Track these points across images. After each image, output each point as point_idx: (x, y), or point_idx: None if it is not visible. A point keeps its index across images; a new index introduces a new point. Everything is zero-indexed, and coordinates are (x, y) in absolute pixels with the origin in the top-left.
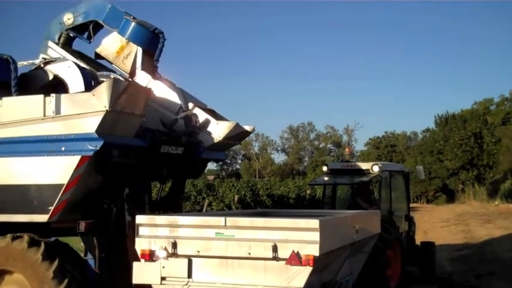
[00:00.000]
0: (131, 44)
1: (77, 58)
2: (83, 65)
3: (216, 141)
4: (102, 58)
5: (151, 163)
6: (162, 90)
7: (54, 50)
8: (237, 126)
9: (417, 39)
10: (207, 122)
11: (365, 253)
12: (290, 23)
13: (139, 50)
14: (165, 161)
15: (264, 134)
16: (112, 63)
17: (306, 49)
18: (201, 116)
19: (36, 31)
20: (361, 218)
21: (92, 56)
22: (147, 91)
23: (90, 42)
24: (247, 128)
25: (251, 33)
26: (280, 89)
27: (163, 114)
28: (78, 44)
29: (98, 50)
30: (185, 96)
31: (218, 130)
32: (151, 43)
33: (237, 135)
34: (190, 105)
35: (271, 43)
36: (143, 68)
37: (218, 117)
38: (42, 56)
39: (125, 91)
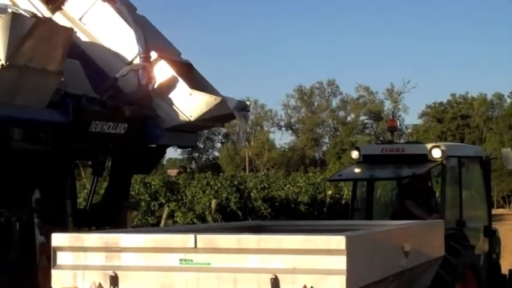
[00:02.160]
0: None
1: None
2: None
3: (182, 120)
4: None
5: (76, 150)
6: (106, 24)
7: None
8: (222, 104)
9: None
10: (171, 86)
11: None
12: None
13: None
14: (98, 146)
15: (259, 101)
16: None
17: None
18: (166, 74)
19: None
20: (414, 233)
21: None
22: (68, 32)
23: None
24: (238, 104)
25: None
26: (285, 33)
27: (99, 70)
28: None
29: None
30: (150, 35)
31: (190, 105)
32: None
33: (220, 116)
34: (154, 54)
35: None
36: None
37: (195, 81)
38: None
39: (30, 34)
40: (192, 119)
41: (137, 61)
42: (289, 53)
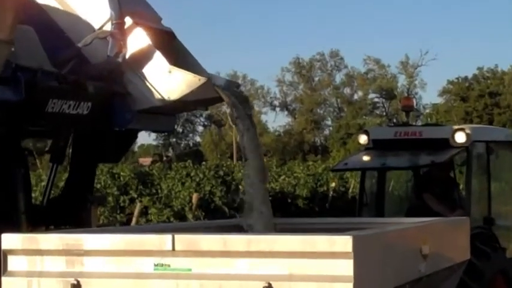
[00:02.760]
0: None
1: None
2: None
3: (158, 102)
4: None
5: (29, 133)
6: None
7: None
8: (207, 85)
9: None
10: (147, 60)
11: None
12: None
13: None
14: (57, 129)
15: (248, 76)
16: None
17: None
18: (141, 44)
19: None
20: (434, 233)
21: None
22: None
23: None
24: (228, 84)
25: None
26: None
27: (65, 38)
28: None
29: None
30: None
31: (169, 84)
32: None
33: (205, 99)
34: (128, 20)
35: None
36: None
37: (177, 54)
38: None
39: None
40: (169, 101)
41: (108, 27)
42: (284, 18)
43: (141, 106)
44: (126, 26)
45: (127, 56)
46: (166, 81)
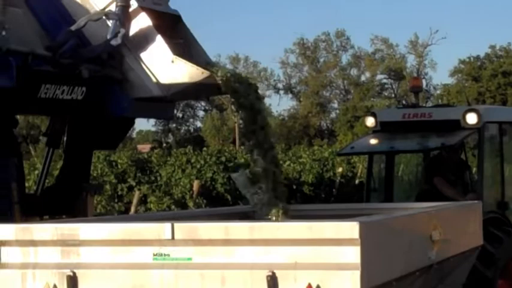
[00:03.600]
0: None
1: None
2: None
3: (157, 92)
4: None
5: (19, 117)
6: None
7: None
8: (210, 79)
9: None
10: (150, 47)
11: (454, 286)
12: None
13: None
14: (50, 115)
15: (251, 58)
16: None
17: None
18: (145, 29)
19: None
20: (445, 218)
21: None
22: None
23: None
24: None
25: None
26: None
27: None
28: None
29: None
30: None
31: (171, 74)
32: None
33: (205, 89)
34: (134, 3)
35: None
36: None
37: (182, 40)
38: None
39: None
40: (169, 92)
41: (113, 9)
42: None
43: (139, 94)
44: (130, 9)
45: (129, 41)
46: (168, 71)
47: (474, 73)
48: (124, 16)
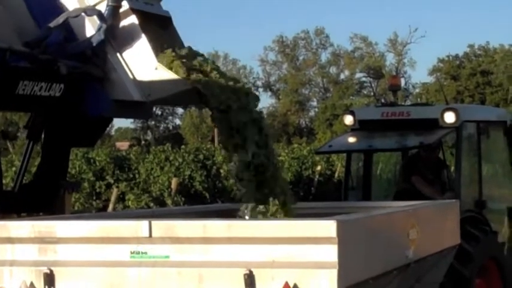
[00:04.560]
0: None
1: None
2: None
3: (138, 96)
4: None
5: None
6: None
7: None
8: (192, 91)
9: None
10: (135, 50)
11: (431, 285)
12: None
13: None
14: (28, 111)
15: (230, 56)
16: None
17: None
18: (131, 31)
19: None
20: (423, 217)
21: None
22: None
23: None
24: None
25: None
26: None
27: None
28: None
29: None
30: None
31: (152, 81)
32: None
33: (185, 97)
34: (125, 4)
35: None
36: None
37: (168, 43)
38: None
39: None
40: (149, 98)
41: (102, 7)
42: None
43: (118, 96)
44: (121, 10)
45: (115, 40)
46: (150, 77)
47: (453, 72)
48: (112, 15)
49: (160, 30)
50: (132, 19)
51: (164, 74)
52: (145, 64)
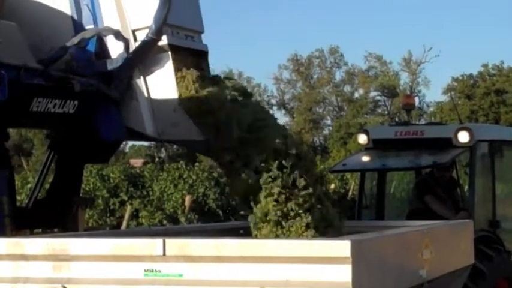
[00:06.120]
0: None
1: None
2: None
3: (151, 132)
4: None
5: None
6: None
7: None
8: (203, 143)
9: None
10: (160, 84)
11: None
12: None
13: None
14: (42, 127)
15: (244, 74)
16: None
17: None
18: (162, 65)
19: None
20: (436, 237)
21: None
22: None
23: None
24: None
25: None
26: None
27: (48, 34)
28: None
29: None
30: None
31: (168, 122)
32: None
33: (195, 146)
34: (164, 39)
35: None
36: None
37: (196, 80)
38: None
39: None
40: (161, 137)
41: (142, 36)
42: (282, 13)
43: (132, 125)
44: (159, 43)
45: (144, 69)
46: (167, 116)
47: (467, 91)
48: (147, 46)
49: (195, 62)
50: (167, 54)
51: (181, 118)
52: (166, 102)
